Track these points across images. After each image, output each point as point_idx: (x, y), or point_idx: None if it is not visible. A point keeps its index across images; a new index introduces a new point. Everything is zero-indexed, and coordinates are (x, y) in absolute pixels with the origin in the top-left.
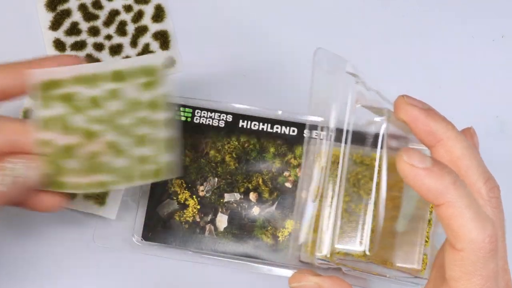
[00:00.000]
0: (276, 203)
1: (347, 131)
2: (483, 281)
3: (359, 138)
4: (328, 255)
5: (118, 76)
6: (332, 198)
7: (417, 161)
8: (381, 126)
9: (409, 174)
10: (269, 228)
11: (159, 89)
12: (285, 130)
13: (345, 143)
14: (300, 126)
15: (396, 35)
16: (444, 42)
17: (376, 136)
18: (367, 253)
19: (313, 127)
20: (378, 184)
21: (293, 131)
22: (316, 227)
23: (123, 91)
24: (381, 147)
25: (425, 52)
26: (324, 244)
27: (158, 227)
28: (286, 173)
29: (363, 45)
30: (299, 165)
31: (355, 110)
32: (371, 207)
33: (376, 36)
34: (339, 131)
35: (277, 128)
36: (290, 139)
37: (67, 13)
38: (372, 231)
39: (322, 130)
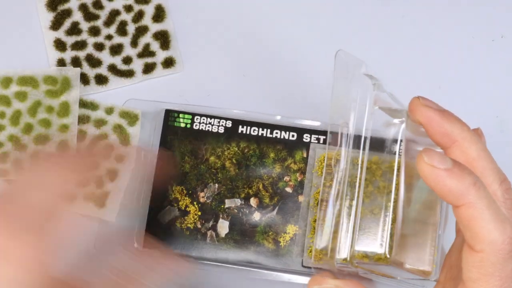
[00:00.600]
0: (277, 208)
1: (367, 133)
2: (501, 282)
3: (377, 140)
4: (348, 259)
5: (25, 81)
6: (351, 201)
7: (437, 162)
8: (399, 128)
9: (430, 175)
10: (270, 233)
11: (66, 97)
12: (285, 135)
13: (364, 146)
14: (300, 131)
15: (395, 35)
16: (443, 42)
17: (394, 138)
18: (387, 255)
19: (335, 127)
20: (397, 186)
21: (293, 136)
22: (336, 231)
23: (30, 94)
24: (400, 148)
25: (425, 52)
26: (344, 248)
27: (159, 234)
28: (286, 178)
29: (362, 45)
30: (299, 170)
31: (373, 113)
32: (390, 209)
33: (376, 36)
34: (358, 133)
35: (276, 133)
36: (290, 144)
37: (67, 13)
38: (391, 233)
39: (341, 132)
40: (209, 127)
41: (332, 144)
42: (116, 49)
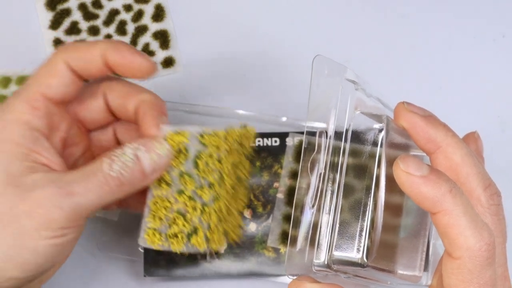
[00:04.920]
0: (271, 216)
1: (346, 138)
2: None
3: (357, 144)
4: (326, 262)
5: (24, 81)
6: (331, 204)
7: (413, 169)
8: (380, 132)
9: (405, 182)
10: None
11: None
12: (267, 142)
13: (343, 149)
14: (282, 136)
15: (396, 36)
16: (444, 42)
17: (375, 143)
18: (365, 260)
19: (311, 133)
20: (376, 190)
21: (276, 141)
22: (314, 234)
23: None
24: (380, 153)
25: (426, 53)
26: (322, 251)
27: (159, 260)
28: (276, 184)
29: (363, 45)
30: (285, 174)
31: (354, 117)
32: (369, 214)
33: (376, 36)
34: (337, 138)
35: (259, 141)
36: (274, 150)
37: (67, 12)
38: (371, 238)
39: (320, 136)
40: None
41: (309, 149)
42: None
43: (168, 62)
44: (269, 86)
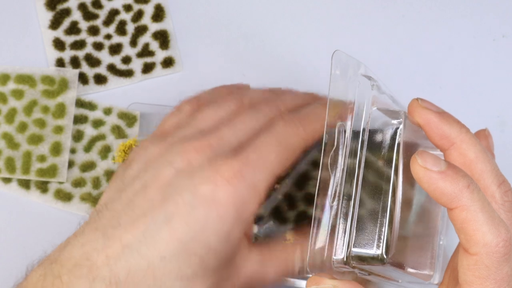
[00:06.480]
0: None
1: (364, 134)
2: (497, 285)
3: (375, 141)
4: (345, 259)
5: (23, 79)
6: (349, 201)
7: (431, 164)
8: (397, 128)
9: (423, 177)
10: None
11: (62, 99)
12: None
13: (362, 145)
14: None
15: (396, 35)
16: (444, 42)
17: (393, 139)
18: (384, 256)
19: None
20: (394, 187)
21: None
22: (333, 231)
23: (27, 93)
24: (398, 150)
25: (426, 52)
26: (341, 248)
27: None
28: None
29: (362, 45)
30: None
31: (371, 113)
32: (388, 210)
33: (376, 36)
34: (356, 133)
35: None
36: None
37: (66, 12)
38: (389, 234)
39: (339, 132)
40: None
41: (328, 145)
42: (115, 49)
43: (168, 62)
44: (268, 86)
